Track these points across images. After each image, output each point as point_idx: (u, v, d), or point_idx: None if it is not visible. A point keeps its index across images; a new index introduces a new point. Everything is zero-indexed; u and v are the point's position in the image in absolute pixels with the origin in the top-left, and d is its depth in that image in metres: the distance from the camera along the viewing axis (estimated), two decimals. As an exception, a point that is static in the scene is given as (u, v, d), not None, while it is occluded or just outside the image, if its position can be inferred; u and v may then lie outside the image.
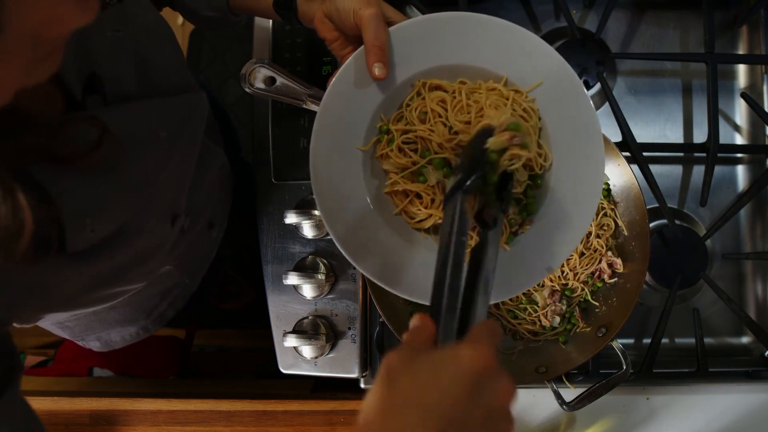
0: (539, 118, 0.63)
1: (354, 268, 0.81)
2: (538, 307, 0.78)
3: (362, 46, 0.60)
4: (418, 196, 0.63)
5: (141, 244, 0.60)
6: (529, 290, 0.79)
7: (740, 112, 0.92)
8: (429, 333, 0.44)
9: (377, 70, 0.59)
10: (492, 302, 0.61)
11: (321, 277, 0.79)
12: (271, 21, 0.85)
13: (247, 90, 0.69)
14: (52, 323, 0.82)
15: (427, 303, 0.47)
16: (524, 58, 0.62)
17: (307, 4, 0.65)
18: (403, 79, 0.63)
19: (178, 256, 0.74)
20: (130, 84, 0.57)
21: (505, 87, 0.63)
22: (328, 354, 0.81)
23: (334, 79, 0.61)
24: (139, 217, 0.57)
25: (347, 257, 0.61)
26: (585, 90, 0.62)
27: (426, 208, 0.62)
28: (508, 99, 0.62)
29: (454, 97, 0.62)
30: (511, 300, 0.79)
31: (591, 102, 0.62)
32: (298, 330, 0.80)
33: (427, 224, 0.64)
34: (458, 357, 0.40)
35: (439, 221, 0.63)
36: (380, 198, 0.64)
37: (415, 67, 0.63)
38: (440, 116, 0.62)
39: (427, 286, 0.47)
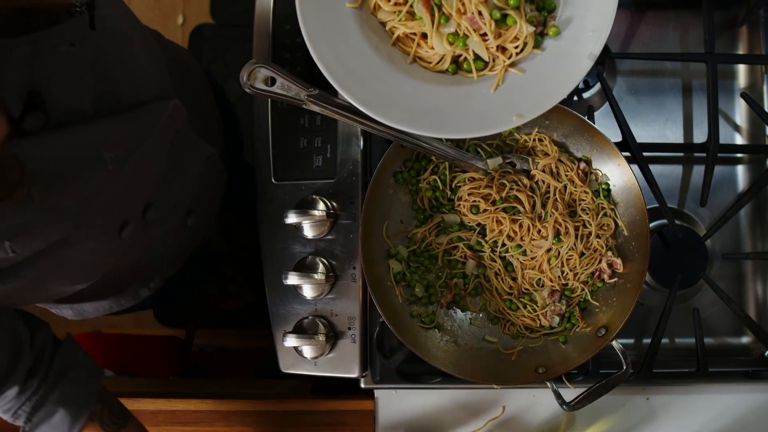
0: None
1: (354, 268, 0.81)
2: (537, 306, 0.78)
3: None
4: (424, 37, 0.61)
5: (79, 255, 0.60)
6: (528, 290, 0.79)
7: (740, 112, 0.92)
8: None
9: None
10: (538, 114, 0.60)
11: (321, 277, 0.79)
12: (271, 21, 0.85)
13: (247, 90, 0.69)
14: None
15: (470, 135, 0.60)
16: None
17: None
18: None
19: (146, 244, 0.74)
20: (81, 101, 0.55)
21: None
22: (328, 354, 0.81)
23: None
24: (74, 233, 0.57)
25: (381, 118, 0.60)
26: None
27: (434, 48, 0.61)
28: None
29: None
30: (508, 291, 0.79)
31: None
32: (298, 330, 0.80)
33: (446, 64, 0.62)
34: None
35: (460, 50, 0.61)
36: (388, 50, 0.62)
37: None
38: None
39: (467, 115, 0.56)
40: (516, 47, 0.61)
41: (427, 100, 0.62)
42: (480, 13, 0.58)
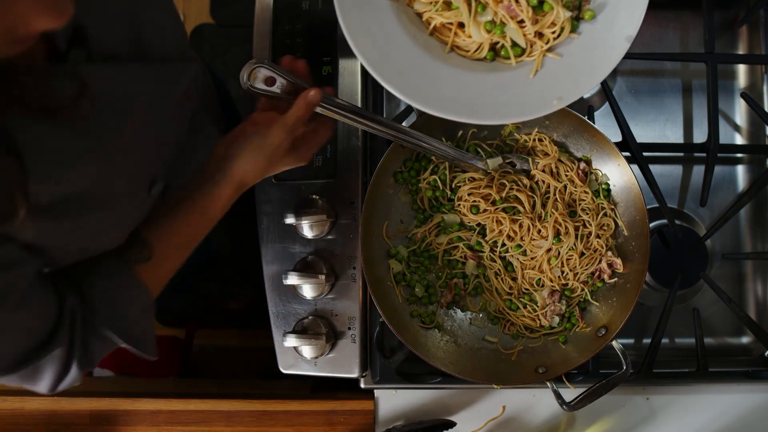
0: None
1: (354, 268, 0.81)
2: (537, 306, 0.78)
3: None
4: (461, 26, 0.62)
5: (113, 204, 0.60)
6: (528, 290, 0.79)
7: (740, 112, 0.92)
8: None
9: None
10: (577, 97, 0.61)
11: (321, 277, 0.79)
12: (271, 21, 0.85)
13: (247, 89, 0.69)
14: None
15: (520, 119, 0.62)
16: None
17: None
18: None
19: None
20: (119, 43, 0.57)
21: None
22: (328, 354, 0.81)
23: None
24: (111, 178, 0.57)
25: (422, 107, 0.61)
26: None
27: (471, 37, 0.62)
28: None
29: None
30: (508, 291, 0.79)
31: None
32: (298, 330, 0.80)
33: (484, 52, 0.63)
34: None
35: (498, 38, 0.62)
36: (426, 40, 0.63)
37: None
38: None
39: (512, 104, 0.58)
40: (553, 32, 0.62)
41: (467, 88, 0.63)
42: (517, 0, 0.58)
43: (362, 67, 0.83)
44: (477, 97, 0.63)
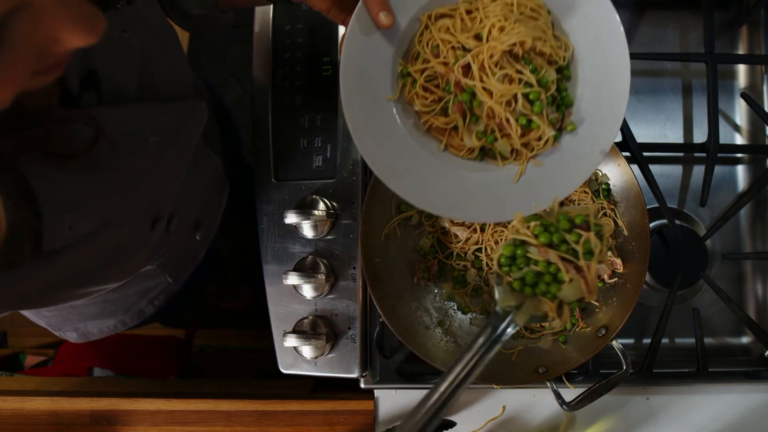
0: (548, 12, 0.62)
1: (354, 268, 0.81)
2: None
3: (360, 2, 0.60)
4: (455, 128, 0.64)
5: (116, 244, 0.60)
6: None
7: (740, 112, 0.92)
8: None
9: (383, 18, 0.59)
10: (549, 205, 0.62)
11: (321, 277, 0.79)
12: (271, 22, 0.85)
13: None
14: (29, 311, 0.81)
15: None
16: None
17: None
18: (407, 20, 0.63)
19: (161, 255, 0.74)
20: (129, 86, 0.57)
21: None
22: (328, 354, 0.81)
23: (345, 37, 0.61)
24: (118, 217, 0.57)
25: (410, 200, 0.62)
26: None
27: (463, 141, 0.64)
28: (513, 5, 0.61)
29: (461, 20, 0.62)
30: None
31: None
32: (298, 330, 0.80)
33: (475, 153, 0.66)
34: None
35: (488, 145, 0.64)
36: (422, 137, 0.65)
37: (415, 4, 0.63)
38: (450, 43, 0.62)
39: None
40: (538, 143, 0.64)
41: (456, 186, 0.65)
42: (507, 120, 0.61)
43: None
44: (464, 195, 0.65)
